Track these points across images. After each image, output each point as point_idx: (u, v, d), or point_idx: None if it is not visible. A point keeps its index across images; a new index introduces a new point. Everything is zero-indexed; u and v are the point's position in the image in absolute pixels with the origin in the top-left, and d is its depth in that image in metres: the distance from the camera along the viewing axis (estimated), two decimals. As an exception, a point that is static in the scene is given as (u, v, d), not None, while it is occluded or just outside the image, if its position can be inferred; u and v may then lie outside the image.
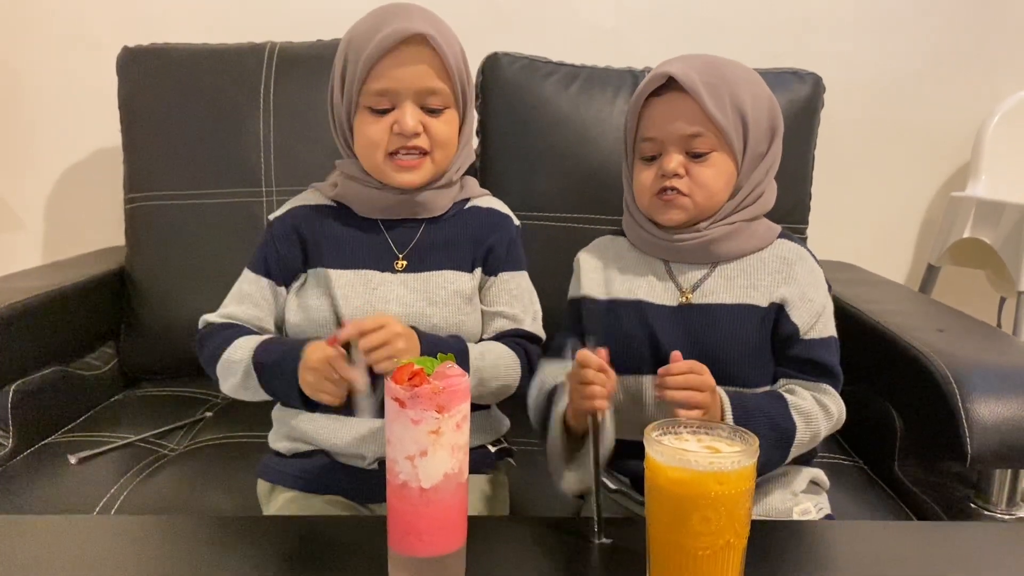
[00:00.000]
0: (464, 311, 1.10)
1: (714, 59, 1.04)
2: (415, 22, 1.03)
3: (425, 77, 1.04)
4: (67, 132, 1.99)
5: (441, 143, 1.08)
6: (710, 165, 1.02)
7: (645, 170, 1.05)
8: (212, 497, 1.21)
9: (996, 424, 1.07)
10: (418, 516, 0.76)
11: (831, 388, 1.02)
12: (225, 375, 1.06)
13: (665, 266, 1.08)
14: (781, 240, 1.08)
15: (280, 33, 1.75)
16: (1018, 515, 1.18)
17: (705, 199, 1.02)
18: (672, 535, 0.75)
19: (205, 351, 1.10)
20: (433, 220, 1.13)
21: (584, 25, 1.94)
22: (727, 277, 1.05)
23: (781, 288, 1.03)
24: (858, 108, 1.96)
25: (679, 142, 1.01)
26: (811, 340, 1.02)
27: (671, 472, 0.73)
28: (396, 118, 1.05)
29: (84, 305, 1.60)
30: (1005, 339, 1.39)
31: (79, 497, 1.20)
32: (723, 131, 1.00)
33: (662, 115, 1.02)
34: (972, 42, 1.97)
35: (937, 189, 2.04)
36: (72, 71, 1.95)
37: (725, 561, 0.74)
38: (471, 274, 1.12)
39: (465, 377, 0.76)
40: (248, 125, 1.65)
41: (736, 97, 1.01)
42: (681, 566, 0.75)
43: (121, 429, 1.42)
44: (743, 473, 0.73)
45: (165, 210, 1.65)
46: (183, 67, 1.69)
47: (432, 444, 0.74)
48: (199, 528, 0.92)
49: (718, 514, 0.72)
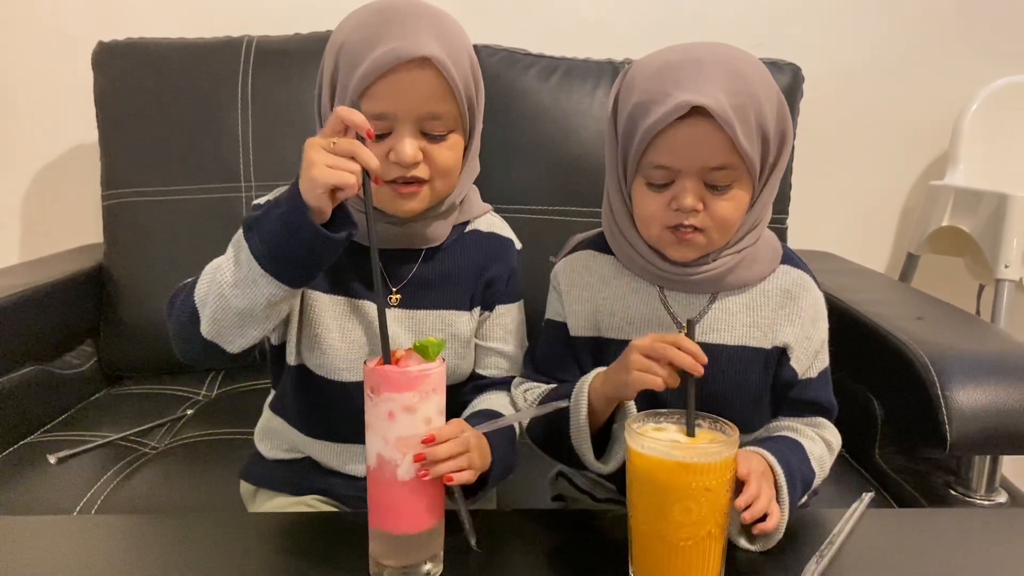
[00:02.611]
0: (460, 354, 1.02)
1: (734, 62, 0.87)
2: (420, 39, 0.88)
3: (428, 102, 0.90)
4: (43, 128, 1.96)
5: (442, 172, 0.94)
6: (730, 199, 0.89)
7: (654, 197, 0.90)
8: (194, 495, 1.20)
9: (975, 411, 1.08)
10: (394, 493, 0.78)
11: (828, 422, 0.99)
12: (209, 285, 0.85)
13: (660, 294, 0.97)
14: (784, 267, 0.98)
15: (257, 27, 1.74)
16: (997, 501, 1.19)
17: (721, 235, 0.91)
18: (654, 525, 0.75)
19: (178, 297, 0.89)
20: (432, 248, 1.01)
21: (564, 16, 1.94)
22: (728, 311, 0.95)
23: (785, 329, 0.95)
24: (837, 98, 1.97)
25: (699, 172, 0.87)
26: (808, 380, 0.97)
27: (653, 463, 0.74)
28: (393, 145, 0.90)
29: (62, 303, 1.58)
30: (984, 326, 1.40)
31: (59, 497, 1.19)
32: (750, 163, 0.87)
33: (684, 144, 0.86)
34: (949, 31, 1.98)
35: (916, 178, 2.06)
36: (47, 66, 1.93)
37: (707, 551, 0.75)
38: (470, 313, 1.03)
39: (436, 362, 0.78)
40: (226, 120, 1.64)
41: (761, 116, 0.87)
42: (663, 557, 0.75)
43: (101, 428, 1.41)
44: (725, 463, 0.74)
45: (143, 206, 1.64)
46: (159, 62, 1.67)
47: (405, 425, 0.76)
48: (181, 527, 0.91)
49: (699, 505, 0.73)
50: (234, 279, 0.83)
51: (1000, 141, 1.90)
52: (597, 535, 0.88)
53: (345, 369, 0.97)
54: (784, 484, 0.85)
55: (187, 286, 0.89)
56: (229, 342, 0.87)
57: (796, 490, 0.87)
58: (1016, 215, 1.65)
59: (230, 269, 0.83)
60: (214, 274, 0.85)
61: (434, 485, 0.79)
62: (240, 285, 0.83)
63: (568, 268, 1.03)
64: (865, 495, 0.99)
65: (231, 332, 0.86)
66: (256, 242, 0.81)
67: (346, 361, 0.97)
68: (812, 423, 0.98)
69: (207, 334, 0.86)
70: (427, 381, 0.77)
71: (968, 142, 1.89)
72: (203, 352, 0.88)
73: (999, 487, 1.20)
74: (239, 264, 0.83)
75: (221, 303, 0.84)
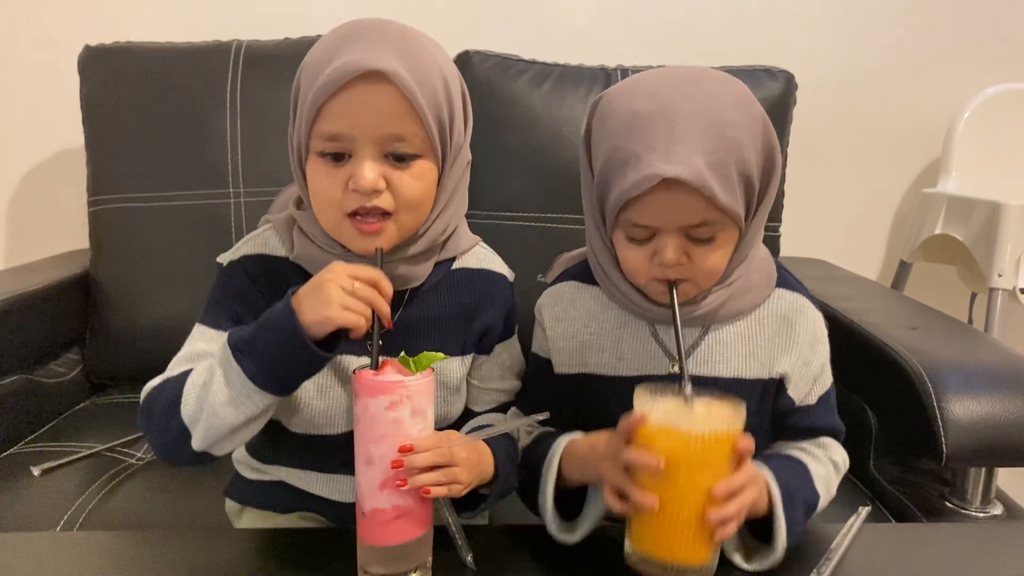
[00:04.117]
0: (449, 401, 0.95)
1: (709, 110, 0.80)
2: (377, 53, 0.81)
3: (388, 121, 0.82)
4: (28, 133, 1.94)
5: (408, 203, 0.85)
6: (714, 248, 0.85)
7: (636, 251, 0.86)
8: (181, 506, 1.19)
9: (971, 423, 1.07)
10: (376, 501, 0.77)
11: (834, 442, 0.97)
12: (197, 404, 0.81)
13: (650, 328, 0.94)
14: (779, 291, 0.94)
15: (246, 31, 1.72)
16: (992, 513, 1.19)
17: (709, 281, 0.87)
18: (657, 491, 0.76)
19: (157, 407, 0.84)
20: (415, 290, 0.93)
21: (557, 22, 1.93)
22: (722, 342, 0.92)
23: (782, 358, 0.92)
24: (830, 105, 1.97)
25: (679, 229, 0.83)
26: (807, 407, 0.94)
27: (660, 433, 0.76)
28: (352, 171, 0.83)
29: (48, 311, 1.56)
30: (978, 337, 1.40)
31: (42, 511, 1.17)
32: (733, 216, 0.83)
33: (660, 208, 0.82)
34: (942, 38, 1.98)
35: (908, 185, 2.06)
36: (32, 70, 1.90)
37: (706, 522, 0.76)
38: (461, 359, 0.96)
39: (424, 374, 0.78)
40: (214, 125, 1.62)
41: (743, 164, 0.81)
42: (664, 526, 0.77)
43: (87, 438, 1.38)
44: (730, 435, 0.76)
45: (130, 212, 1.61)
46: (147, 66, 1.65)
47: (389, 433, 0.76)
48: (167, 543, 0.89)
49: (704, 475, 0.75)
50: (227, 398, 0.79)
51: (993, 149, 1.90)
52: (591, 553, 0.87)
53: (325, 424, 0.92)
54: (779, 499, 0.83)
55: (163, 397, 0.84)
56: (220, 449, 0.84)
57: (796, 510, 0.85)
58: (1010, 223, 1.65)
59: (222, 389, 0.79)
60: (202, 393, 0.81)
61: (416, 495, 0.78)
62: (233, 403, 0.80)
63: (552, 302, 0.99)
64: (862, 509, 0.98)
65: (224, 443, 0.83)
66: (249, 365, 0.78)
67: (325, 417, 0.91)
68: (818, 443, 0.96)
69: (199, 448, 0.82)
70: (401, 390, 0.76)
71: (961, 150, 1.89)
72: (192, 460, 0.85)
73: (994, 499, 1.20)
74: (230, 383, 0.79)
75: (214, 421, 0.80)
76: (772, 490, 0.84)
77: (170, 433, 0.83)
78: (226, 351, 0.80)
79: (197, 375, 0.83)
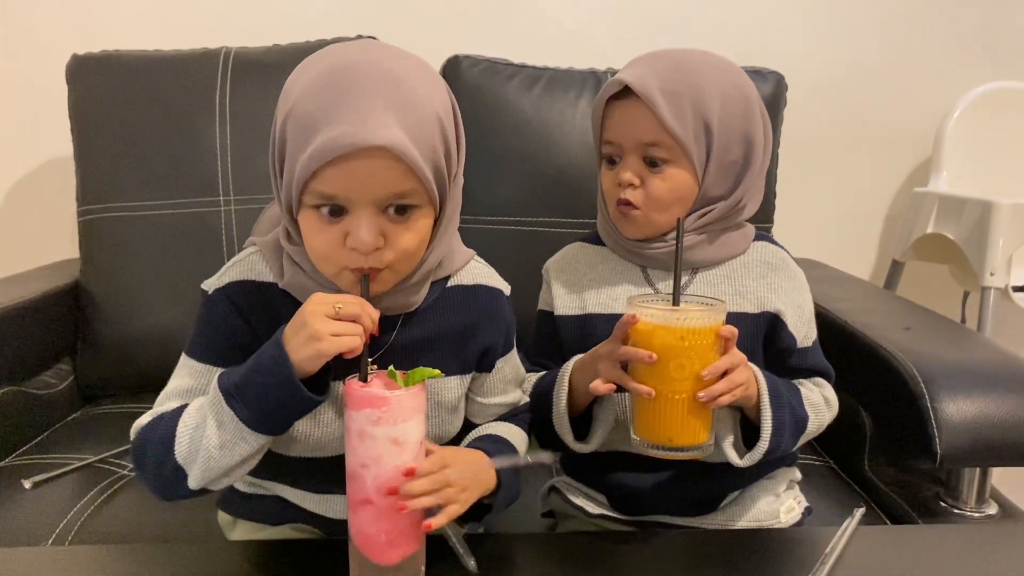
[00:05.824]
0: (447, 421, 0.94)
1: (685, 59, 0.98)
2: (373, 122, 0.75)
3: (386, 185, 0.78)
4: (16, 142, 1.92)
5: (405, 255, 0.82)
6: (665, 179, 0.97)
7: (607, 174, 1.02)
8: (174, 518, 1.17)
9: (965, 423, 1.07)
10: (372, 519, 0.77)
11: (827, 383, 1.05)
12: (191, 447, 0.80)
13: (643, 272, 1.04)
14: (759, 243, 1.06)
15: (235, 39, 1.71)
16: (987, 512, 1.18)
17: (658, 213, 0.99)
18: (652, 382, 0.87)
19: (149, 449, 0.83)
20: (409, 312, 0.91)
21: (546, 26, 1.92)
22: (710, 283, 1.02)
23: (772, 297, 1.00)
24: (821, 105, 1.97)
25: (637, 148, 0.98)
26: (805, 349, 1.02)
27: (653, 329, 0.87)
28: (349, 228, 0.79)
29: (38, 321, 1.55)
30: (972, 336, 1.39)
31: (33, 525, 1.16)
32: (681, 142, 0.95)
33: (620, 120, 0.99)
34: (932, 38, 1.98)
35: (900, 185, 2.06)
36: (19, 79, 1.89)
37: (697, 403, 0.87)
38: (459, 378, 0.94)
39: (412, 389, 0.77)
40: (204, 133, 1.61)
41: (701, 105, 0.95)
42: (660, 410, 0.88)
43: (78, 449, 1.37)
44: (711, 328, 0.87)
45: (120, 221, 1.61)
46: (135, 74, 1.64)
47: (383, 451, 0.76)
48: (159, 557, 0.88)
49: (691, 361, 0.86)
50: (220, 442, 0.79)
51: (984, 147, 1.90)
52: (593, 560, 0.87)
53: (319, 448, 0.90)
54: (766, 391, 0.92)
55: (155, 438, 0.83)
56: (218, 485, 0.83)
57: (783, 410, 0.93)
58: (1001, 222, 1.65)
59: (214, 433, 0.79)
60: (195, 435, 0.80)
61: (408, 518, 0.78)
62: (227, 446, 0.79)
63: (558, 259, 1.11)
64: (856, 511, 0.98)
65: (220, 480, 0.82)
66: (241, 409, 0.78)
67: (320, 443, 0.89)
68: (813, 381, 1.04)
69: (196, 486, 0.82)
70: (386, 403, 0.75)
71: (952, 148, 1.90)
72: (189, 496, 0.84)
73: (989, 499, 1.20)
74: (223, 427, 0.79)
75: (209, 463, 0.79)
76: (760, 382, 0.92)
77: (165, 474, 0.82)
78: (217, 395, 0.79)
79: (189, 417, 0.82)
